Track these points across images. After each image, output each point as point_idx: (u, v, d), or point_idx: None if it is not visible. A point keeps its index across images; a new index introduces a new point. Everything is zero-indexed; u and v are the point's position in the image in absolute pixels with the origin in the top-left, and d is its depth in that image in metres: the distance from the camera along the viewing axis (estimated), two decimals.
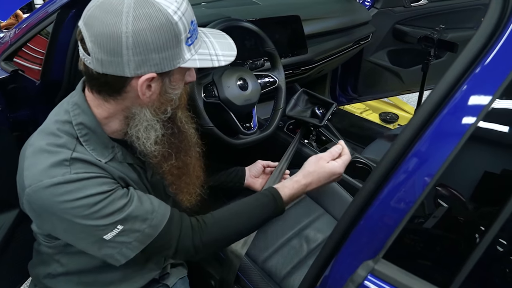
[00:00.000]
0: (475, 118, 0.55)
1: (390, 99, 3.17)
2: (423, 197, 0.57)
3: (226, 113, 1.33)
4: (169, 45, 0.76)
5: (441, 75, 2.13)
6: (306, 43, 1.79)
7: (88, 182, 0.80)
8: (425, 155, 0.58)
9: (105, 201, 0.81)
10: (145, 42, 0.74)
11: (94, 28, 0.73)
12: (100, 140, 0.86)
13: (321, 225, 1.50)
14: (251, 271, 1.29)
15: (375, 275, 0.61)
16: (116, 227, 0.82)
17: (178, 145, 0.95)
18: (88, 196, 0.79)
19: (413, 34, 2.44)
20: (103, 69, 0.76)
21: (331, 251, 0.74)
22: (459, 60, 0.60)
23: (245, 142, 1.37)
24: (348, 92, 2.65)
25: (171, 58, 0.78)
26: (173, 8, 0.75)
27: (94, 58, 0.75)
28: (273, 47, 1.45)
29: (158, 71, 0.78)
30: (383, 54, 2.56)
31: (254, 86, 1.37)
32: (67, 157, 0.80)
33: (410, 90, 2.84)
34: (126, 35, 0.72)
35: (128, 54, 0.74)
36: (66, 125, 0.84)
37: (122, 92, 0.81)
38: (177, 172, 0.97)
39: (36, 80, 1.34)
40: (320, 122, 1.60)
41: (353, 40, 2.08)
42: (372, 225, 0.64)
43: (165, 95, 0.85)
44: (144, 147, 0.87)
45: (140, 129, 0.86)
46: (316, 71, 1.97)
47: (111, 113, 0.85)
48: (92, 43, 0.74)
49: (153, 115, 0.86)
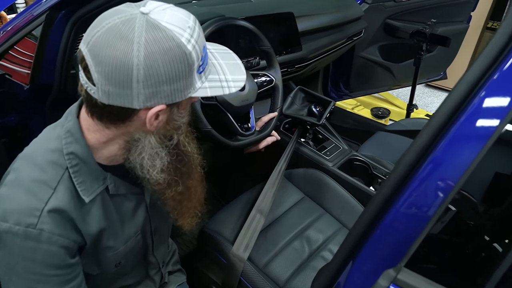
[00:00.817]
0: (500, 120, 0.53)
1: (381, 94, 3.17)
2: (447, 202, 0.55)
3: (223, 114, 1.29)
4: (181, 76, 0.71)
5: (433, 69, 2.13)
6: (300, 41, 1.77)
7: (43, 246, 0.75)
8: (449, 158, 0.56)
9: (41, 276, 0.77)
10: (157, 74, 0.68)
11: (101, 58, 0.67)
12: (91, 172, 0.81)
13: (322, 225, 1.49)
14: (253, 275, 1.26)
15: (398, 285, 0.58)
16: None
17: (182, 170, 0.90)
18: (32, 261, 0.76)
19: (404, 29, 2.43)
20: (110, 100, 0.70)
21: (344, 259, 0.71)
22: (481, 58, 0.57)
23: (244, 143, 1.34)
24: (340, 88, 2.63)
25: (182, 88, 0.73)
26: (186, 37, 0.70)
27: (100, 89, 0.69)
28: (269, 46, 1.42)
29: (168, 102, 0.73)
30: (374, 49, 2.54)
31: (251, 86, 1.34)
32: (40, 207, 0.75)
33: (400, 85, 2.84)
34: (138, 68, 0.67)
35: (139, 87, 0.68)
36: (55, 154, 0.78)
37: (127, 121, 0.75)
38: (179, 197, 0.92)
39: (24, 84, 1.28)
40: (319, 120, 1.58)
41: (346, 36, 2.05)
42: (391, 232, 0.62)
43: (172, 122, 0.80)
44: (149, 176, 0.82)
45: (144, 157, 0.80)
46: (310, 68, 1.94)
47: (110, 139, 0.79)
48: (98, 74, 0.68)
49: (158, 142, 0.81)
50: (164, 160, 0.82)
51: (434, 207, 0.56)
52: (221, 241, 1.33)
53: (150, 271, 1.11)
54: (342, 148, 1.72)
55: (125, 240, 0.91)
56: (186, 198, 0.94)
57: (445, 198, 0.55)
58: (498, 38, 0.56)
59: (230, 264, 1.27)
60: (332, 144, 1.73)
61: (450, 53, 2.78)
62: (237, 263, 1.25)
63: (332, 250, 1.41)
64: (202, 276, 1.40)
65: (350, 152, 1.72)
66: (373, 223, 0.65)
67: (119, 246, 0.90)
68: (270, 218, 1.45)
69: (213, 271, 1.36)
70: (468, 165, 0.53)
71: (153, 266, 1.12)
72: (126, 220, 0.91)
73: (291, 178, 1.63)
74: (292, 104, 1.64)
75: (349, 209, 1.54)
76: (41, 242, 0.75)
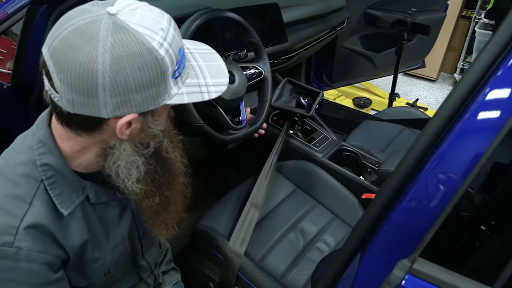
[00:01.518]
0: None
1: (362, 84, 3.20)
2: (463, 189, 0.55)
3: (214, 108, 1.27)
4: (153, 83, 0.65)
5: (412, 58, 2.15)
6: (285, 32, 1.75)
7: (23, 265, 0.71)
8: (465, 144, 0.55)
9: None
10: (126, 82, 0.63)
11: (63, 65, 0.61)
12: (68, 183, 0.75)
13: (315, 216, 1.49)
14: (250, 270, 1.25)
15: (414, 275, 0.58)
16: None
17: (161, 180, 0.83)
18: (13, 281, 0.71)
19: (385, 18, 2.44)
20: (75, 109, 0.64)
21: (352, 250, 0.71)
22: (489, 46, 0.57)
23: (236, 137, 1.32)
24: (323, 79, 2.63)
25: (155, 96, 0.67)
26: (158, 40, 0.64)
27: (64, 98, 0.64)
28: (257, 37, 1.40)
29: (140, 111, 0.67)
30: (356, 39, 2.55)
31: (241, 78, 1.32)
32: (16, 224, 0.70)
33: (380, 74, 2.86)
34: (103, 75, 0.61)
35: (105, 96, 0.63)
36: (28, 167, 0.73)
37: (97, 129, 0.70)
38: (157, 208, 0.86)
39: (4, 83, 1.22)
40: (308, 112, 1.57)
41: (330, 27, 2.05)
42: (405, 222, 0.62)
43: (147, 130, 0.74)
44: (124, 185, 0.77)
45: (120, 165, 0.75)
46: (295, 59, 1.93)
47: (84, 147, 0.74)
48: (60, 82, 0.62)
49: (134, 150, 0.75)
50: (140, 169, 0.77)
51: (449, 195, 0.56)
52: (216, 237, 1.31)
53: (143, 274, 1.08)
54: (331, 138, 1.72)
55: (111, 249, 0.88)
56: (164, 209, 0.88)
57: (461, 185, 0.55)
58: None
59: (227, 260, 1.25)
60: (321, 135, 1.73)
61: (429, 42, 2.82)
62: (234, 259, 1.24)
63: (327, 241, 1.41)
64: (198, 273, 1.38)
65: (339, 142, 1.73)
66: (384, 213, 0.65)
67: (106, 256, 0.87)
68: (263, 212, 1.44)
69: (209, 268, 1.34)
70: (484, 151, 0.53)
71: (145, 269, 1.08)
72: (111, 228, 0.87)
73: (282, 170, 1.63)
74: (280, 96, 1.62)
75: (341, 199, 1.54)
76: (19, 261, 0.70)
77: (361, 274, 0.68)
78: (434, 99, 3.64)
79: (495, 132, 0.53)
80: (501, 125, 0.53)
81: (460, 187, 0.55)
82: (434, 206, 0.57)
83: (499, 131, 0.53)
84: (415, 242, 0.60)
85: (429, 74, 3.84)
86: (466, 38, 3.69)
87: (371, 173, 1.65)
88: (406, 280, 0.58)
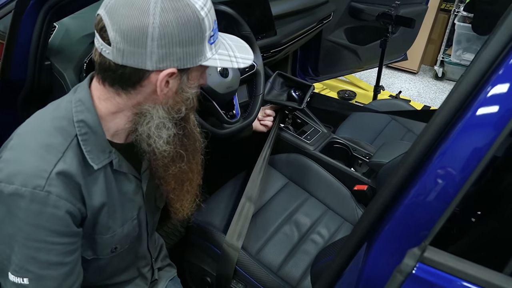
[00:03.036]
0: None
1: (346, 77, 3.22)
2: (473, 178, 0.56)
3: (209, 102, 1.26)
4: (194, 40, 0.73)
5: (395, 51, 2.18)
6: (274, 25, 1.75)
7: (49, 211, 0.74)
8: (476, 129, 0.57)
9: (44, 244, 0.75)
10: (171, 34, 0.71)
11: (119, 17, 0.70)
12: (99, 142, 0.80)
13: (308, 208, 1.50)
14: (248, 263, 1.26)
15: (425, 263, 0.59)
16: (23, 277, 0.76)
17: (188, 147, 0.90)
18: (36, 226, 0.74)
19: (369, 11, 2.46)
20: (124, 60, 0.72)
21: (359, 240, 0.72)
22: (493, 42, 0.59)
23: (230, 131, 1.32)
24: (309, 73, 2.64)
25: (194, 54, 0.75)
26: (200, 4, 0.73)
27: (116, 48, 0.71)
28: (250, 31, 1.40)
29: (180, 66, 0.75)
30: (340, 32, 2.56)
31: (235, 72, 1.32)
32: (49, 168, 0.74)
33: (364, 67, 2.89)
34: (153, 26, 0.69)
35: (153, 46, 0.71)
36: (64, 121, 0.78)
37: (138, 86, 0.76)
38: (182, 177, 0.92)
39: None
40: (300, 105, 1.58)
41: (317, 20, 2.06)
42: (414, 210, 0.63)
43: (181, 93, 0.81)
44: (154, 145, 0.82)
45: (151, 127, 0.81)
46: (284, 53, 1.93)
47: (120, 108, 0.80)
48: (115, 32, 0.70)
49: (166, 112, 0.81)
50: (170, 132, 0.83)
51: (460, 183, 0.57)
52: (213, 231, 1.31)
53: (143, 269, 1.08)
54: (321, 131, 1.74)
55: (122, 222, 0.90)
56: (188, 178, 0.94)
57: (471, 173, 0.56)
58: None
59: (224, 254, 1.25)
60: (311, 128, 1.74)
61: (411, 35, 2.86)
62: (231, 253, 1.24)
63: (321, 232, 1.43)
64: (194, 268, 1.37)
65: (330, 135, 1.74)
66: (392, 203, 0.66)
67: (117, 228, 0.89)
68: (258, 205, 1.44)
69: (206, 262, 1.34)
70: (497, 136, 0.54)
71: (147, 262, 1.09)
72: (125, 200, 0.89)
73: (274, 164, 1.63)
74: (271, 90, 1.62)
75: (333, 191, 1.56)
76: (47, 206, 0.73)
77: (369, 264, 0.69)
78: (416, 91, 3.70)
79: None
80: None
81: (471, 175, 0.56)
82: (445, 194, 0.59)
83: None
84: (425, 231, 0.61)
85: (410, 66, 3.90)
86: (446, 31, 3.75)
87: (362, 165, 1.67)
88: (417, 268, 0.59)
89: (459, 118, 0.60)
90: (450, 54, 3.72)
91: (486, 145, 0.56)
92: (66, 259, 0.79)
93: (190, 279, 1.41)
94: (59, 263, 0.78)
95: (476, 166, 0.56)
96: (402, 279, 0.60)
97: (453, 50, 3.67)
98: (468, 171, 0.57)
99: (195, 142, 0.92)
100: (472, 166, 0.56)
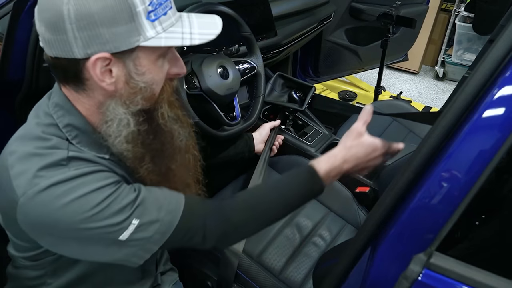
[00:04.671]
0: None
1: (347, 78, 3.21)
2: (481, 181, 0.54)
3: (209, 104, 1.25)
4: (119, 18, 0.65)
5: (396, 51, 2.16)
6: (274, 26, 1.73)
7: (91, 176, 0.71)
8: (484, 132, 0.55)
9: (113, 195, 0.71)
10: (89, 13, 0.63)
11: (40, 6, 0.66)
12: (93, 140, 0.76)
13: (310, 211, 1.48)
14: (249, 267, 1.24)
15: (431, 269, 0.58)
16: (131, 223, 0.71)
17: (157, 146, 0.83)
18: (93, 191, 0.69)
19: (369, 11, 2.45)
20: (53, 51, 0.67)
21: (364, 244, 0.71)
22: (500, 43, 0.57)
23: (231, 133, 1.31)
24: (309, 73, 2.63)
25: (125, 34, 0.66)
26: None
27: (44, 40, 0.68)
28: (250, 32, 1.39)
29: (112, 50, 0.67)
30: (341, 33, 2.55)
31: (235, 73, 1.30)
32: (63, 157, 0.70)
33: (365, 68, 2.88)
34: (68, 7, 0.63)
35: (73, 29, 0.64)
36: (52, 128, 0.74)
37: (84, 80, 0.71)
38: (157, 179, 0.85)
39: None
40: (300, 106, 1.57)
41: (317, 20, 2.05)
42: (419, 216, 0.61)
43: (132, 82, 0.73)
44: (113, 144, 0.76)
45: (111, 126, 0.75)
46: (284, 53, 1.92)
47: (89, 110, 0.75)
48: (39, 22, 0.67)
49: (123, 107, 0.75)
50: (130, 129, 0.76)
51: (466, 186, 0.56)
52: None
53: (145, 273, 1.06)
54: (322, 133, 1.72)
55: None
56: (166, 180, 0.86)
57: (479, 176, 0.55)
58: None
59: (224, 258, 1.24)
60: (312, 130, 1.72)
61: (412, 35, 2.85)
62: (232, 256, 1.23)
63: (323, 235, 1.41)
64: (196, 272, 1.36)
65: (331, 136, 1.73)
66: (397, 207, 0.65)
67: None
68: None
69: (207, 267, 1.32)
70: (505, 139, 0.52)
71: (150, 263, 1.06)
72: None
73: (275, 166, 1.62)
74: (272, 91, 1.61)
75: (334, 193, 1.54)
76: (86, 175, 0.70)
77: (375, 268, 0.67)
78: (417, 91, 3.69)
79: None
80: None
81: (479, 178, 0.55)
82: (451, 198, 0.57)
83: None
84: (430, 236, 0.60)
85: (411, 67, 3.89)
86: (447, 31, 3.74)
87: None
88: (423, 274, 0.58)
89: (466, 120, 0.58)
90: (451, 54, 3.71)
91: (493, 148, 0.55)
92: (137, 188, 0.76)
93: (191, 283, 1.40)
94: (136, 193, 0.75)
95: (483, 169, 0.55)
96: (408, 285, 0.59)
97: (454, 50, 3.66)
98: (475, 174, 0.56)
99: (166, 138, 0.85)
100: (479, 169, 0.55)
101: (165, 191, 0.80)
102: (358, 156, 0.93)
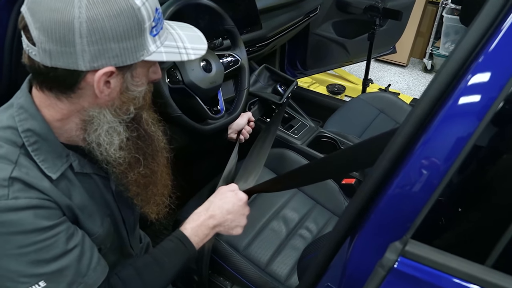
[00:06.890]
0: None
1: (335, 71, 3.21)
2: (454, 168, 0.55)
3: (192, 98, 1.24)
4: (131, 33, 0.66)
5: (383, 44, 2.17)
6: (259, 19, 1.72)
7: (26, 214, 0.68)
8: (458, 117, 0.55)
9: (40, 244, 0.69)
10: (102, 29, 0.63)
11: (41, 13, 0.62)
12: (52, 149, 0.74)
13: (296, 204, 1.49)
14: (235, 261, 1.24)
15: (406, 257, 0.58)
16: (37, 283, 0.70)
17: (145, 150, 0.84)
18: (21, 233, 0.67)
19: (356, 4, 2.45)
20: (52, 61, 0.65)
21: (342, 235, 0.71)
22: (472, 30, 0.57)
23: (215, 127, 1.30)
24: (297, 67, 2.62)
25: (133, 49, 0.68)
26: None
27: (41, 48, 0.64)
28: (233, 25, 1.38)
29: (118, 64, 0.68)
30: (328, 26, 2.55)
31: (218, 67, 1.29)
32: (6, 176, 0.67)
33: (353, 61, 2.88)
34: (80, 21, 0.62)
35: (82, 43, 0.63)
36: (8, 131, 0.71)
37: (76, 89, 0.69)
38: (144, 181, 0.86)
39: None
40: (280, 99, 1.56)
41: (303, 13, 2.04)
42: (395, 204, 0.61)
43: (127, 93, 0.74)
44: (107, 154, 0.76)
45: (101, 134, 0.75)
46: (270, 47, 1.91)
47: (65, 115, 0.73)
48: (38, 31, 0.63)
49: (114, 116, 0.75)
50: (122, 136, 0.77)
51: (441, 173, 0.56)
52: None
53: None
54: (309, 126, 1.72)
55: (100, 222, 0.85)
56: (151, 182, 0.88)
57: (453, 163, 0.55)
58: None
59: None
60: (298, 123, 1.72)
61: (400, 27, 2.85)
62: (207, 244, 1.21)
63: (309, 227, 1.41)
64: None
65: (317, 129, 1.73)
66: (374, 196, 0.65)
67: (98, 229, 0.84)
68: None
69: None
70: (479, 123, 0.53)
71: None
72: (97, 200, 0.84)
73: None
74: (256, 82, 1.60)
75: (321, 185, 1.55)
76: (22, 210, 0.67)
77: (353, 258, 0.67)
78: (405, 84, 3.70)
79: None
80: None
81: (451, 167, 0.55)
82: (426, 187, 0.57)
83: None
84: (406, 224, 0.60)
85: (399, 59, 3.90)
86: (434, 23, 3.75)
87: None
88: (399, 262, 0.58)
89: (440, 108, 0.58)
90: (439, 47, 3.72)
91: (468, 134, 0.55)
92: (70, 245, 0.74)
93: (178, 278, 1.39)
94: (64, 252, 0.73)
95: (458, 155, 0.55)
96: (384, 273, 0.58)
97: (442, 42, 3.67)
98: (450, 161, 0.56)
99: (153, 142, 0.86)
100: (454, 155, 0.55)
101: (93, 264, 0.78)
102: (224, 207, 0.98)
